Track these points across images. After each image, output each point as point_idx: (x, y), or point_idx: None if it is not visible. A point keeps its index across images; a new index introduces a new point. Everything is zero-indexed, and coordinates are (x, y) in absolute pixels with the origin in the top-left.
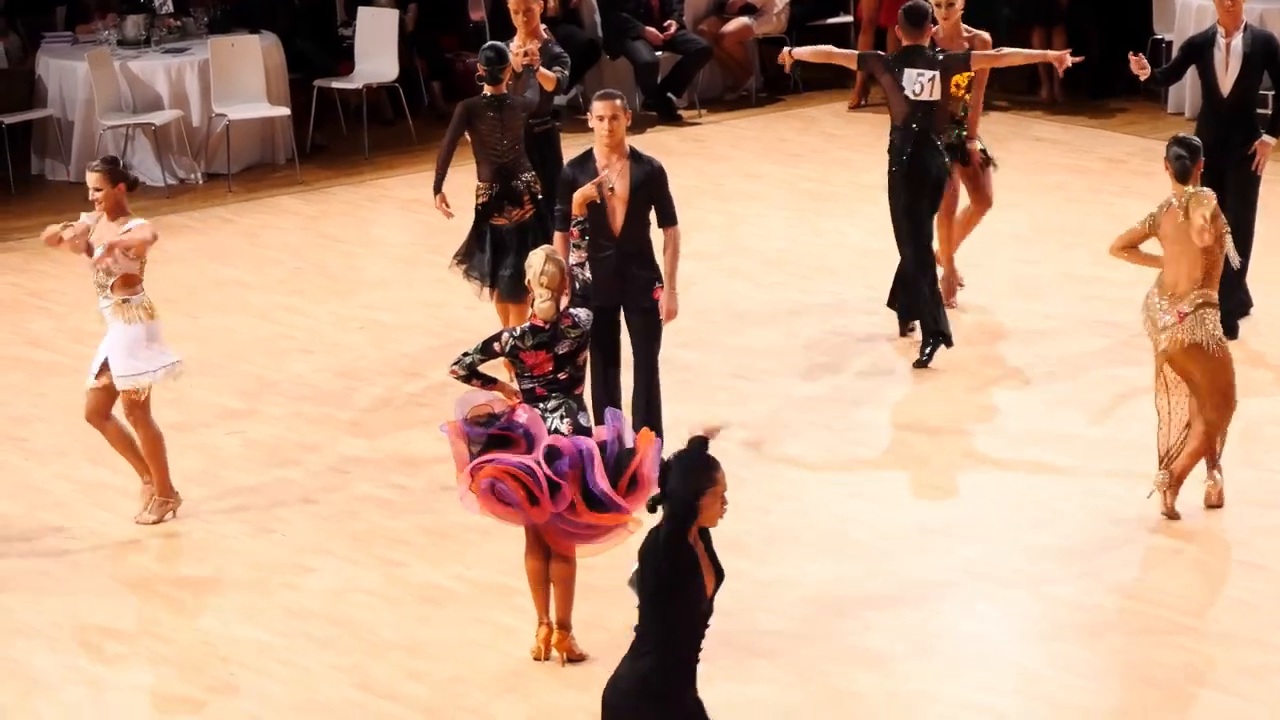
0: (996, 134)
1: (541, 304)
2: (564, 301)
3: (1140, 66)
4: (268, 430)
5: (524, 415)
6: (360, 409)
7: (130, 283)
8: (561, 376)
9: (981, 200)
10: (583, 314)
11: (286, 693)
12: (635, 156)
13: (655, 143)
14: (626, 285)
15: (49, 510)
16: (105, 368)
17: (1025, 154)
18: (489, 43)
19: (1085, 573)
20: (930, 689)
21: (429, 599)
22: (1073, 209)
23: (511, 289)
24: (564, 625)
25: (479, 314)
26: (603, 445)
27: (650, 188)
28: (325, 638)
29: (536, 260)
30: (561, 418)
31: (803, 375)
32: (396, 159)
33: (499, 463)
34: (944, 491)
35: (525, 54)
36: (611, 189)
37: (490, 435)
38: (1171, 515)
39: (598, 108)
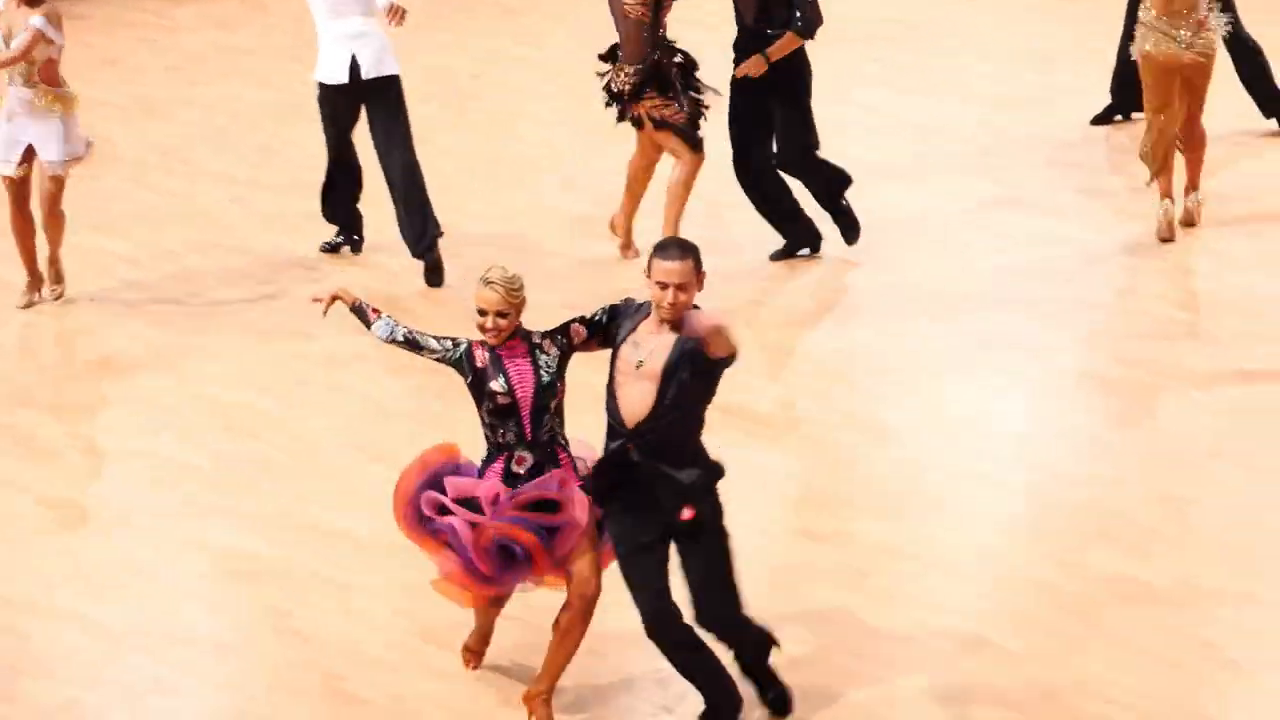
0: None
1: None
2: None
3: None
4: (271, 199)
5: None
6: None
7: (53, 79)
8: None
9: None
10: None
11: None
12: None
13: None
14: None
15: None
16: (29, 156)
17: None
18: None
19: (1084, 340)
20: (928, 458)
21: None
22: None
23: None
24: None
25: None
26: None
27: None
28: None
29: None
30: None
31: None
32: None
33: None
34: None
35: None
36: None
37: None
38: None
39: (659, 270)
